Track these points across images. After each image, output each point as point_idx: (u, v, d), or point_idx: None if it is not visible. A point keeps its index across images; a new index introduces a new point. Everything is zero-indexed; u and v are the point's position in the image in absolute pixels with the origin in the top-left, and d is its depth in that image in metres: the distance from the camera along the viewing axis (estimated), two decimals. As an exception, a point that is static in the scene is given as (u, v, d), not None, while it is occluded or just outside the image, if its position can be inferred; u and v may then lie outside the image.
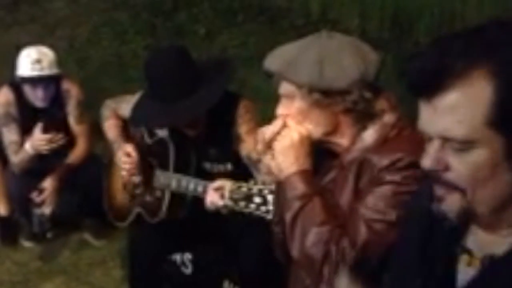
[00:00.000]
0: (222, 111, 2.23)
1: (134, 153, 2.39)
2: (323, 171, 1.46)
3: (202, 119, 2.23)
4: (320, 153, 1.46)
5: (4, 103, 3.01)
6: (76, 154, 3.08)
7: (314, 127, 1.43)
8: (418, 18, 5.44)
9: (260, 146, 1.46)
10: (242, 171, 2.28)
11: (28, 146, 2.95)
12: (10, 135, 3.00)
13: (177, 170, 2.27)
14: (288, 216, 1.38)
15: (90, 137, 3.13)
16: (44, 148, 2.93)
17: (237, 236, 2.30)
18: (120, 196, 2.55)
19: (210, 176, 2.23)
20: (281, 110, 1.46)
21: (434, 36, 1.46)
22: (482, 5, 5.43)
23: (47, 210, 2.96)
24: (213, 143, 2.29)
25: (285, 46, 1.46)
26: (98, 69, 4.63)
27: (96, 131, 3.16)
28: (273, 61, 1.44)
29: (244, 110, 2.25)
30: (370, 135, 1.40)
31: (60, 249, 3.18)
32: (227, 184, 1.97)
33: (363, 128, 1.41)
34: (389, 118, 1.41)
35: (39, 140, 2.92)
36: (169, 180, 2.25)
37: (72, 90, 3.10)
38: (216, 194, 1.99)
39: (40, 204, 2.94)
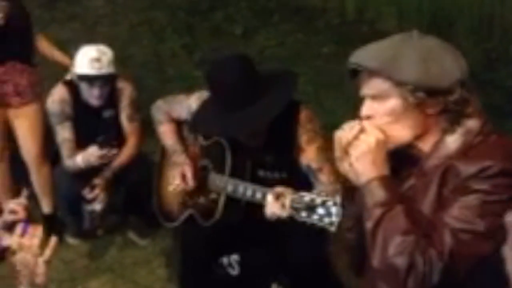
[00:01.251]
0: (282, 119, 2.21)
1: (190, 179, 2.40)
2: (401, 177, 1.43)
3: (264, 129, 2.22)
4: (396, 159, 1.44)
5: (59, 101, 3.02)
6: (127, 152, 3.09)
7: (405, 130, 1.38)
8: (457, 19, 5.39)
9: (337, 153, 1.44)
10: (297, 180, 2.27)
11: (79, 159, 2.96)
12: (64, 132, 3.02)
13: (233, 174, 2.27)
14: (369, 224, 1.35)
15: (141, 136, 3.15)
16: (96, 163, 2.95)
17: (288, 240, 2.30)
18: (171, 197, 2.56)
19: (264, 184, 2.22)
20: (365, 111, 1.42)
21: (473, 37, 1.45)
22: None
23: (98, 206, 2.97)
24: (270, 150, 2.28)
25: (373, 44, 1.43)
26: (138, 67, 4.66)
27: (144, 129, 3.20)
28: (369, 57, 1.39)
29: (305, 119, 2.23)
30: (453, 141, 1.37)
31: (106, 247, 3.21)
32: (287, 192, 1.97)
33: (451, 132, 1.37)
34: (474, 123, 1.37)
35: (92, 156, 2.93)
36: (226, 184, 2.26)
37: (126, 89, 3.11)
38: (277, 204, 1.97)
39: (92, 201, 2.95)
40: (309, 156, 2.23)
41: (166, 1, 5.45)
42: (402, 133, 1.39)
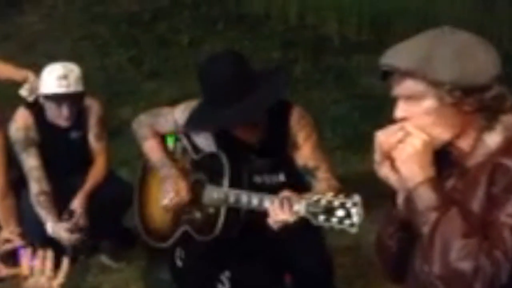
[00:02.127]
0: (274, 120, 2.18)
1: (185, 191, 2.31)
2: (441, 178, 1.39)
3: (263, 121, 2.17)
4: (435, 160, 1.42)
5: (23, 127, 2.83)
6: (98, 172, 2.95)
7: (443, 129, 1.35)
8: (395, 20, 5.54)
9: (377, 157, 1.41)
10: (295, 181, 2.23)
11: (49, 227, 2.78)
12: (30, 160, 2.83)
13: (231, 185, 2.20)
14: (425, 229, 1.31)
15: (108, 155, 3.01)
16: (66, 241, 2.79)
17: (291, 248, 2.25)
18: (160, 215, 2.44)
19: (261, 190, 2.16)
20: (400, 113, 1.38)
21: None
22: (452, 6, 5.59)
23: (80, 232, 2.81)
24: (264, 154, 2.23)
25: (405, 43, 1.39)
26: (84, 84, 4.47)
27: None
28: (401, 58, 1.35)
29: (299, 116, 2.20)
30: (493, 138, 1.35)
31: (81, 274, 3.03)
32: (294, 196, 1.93)
33: (489, 129, 1.35)
34: (510, 118, 1.36)
35: (60, 235, 2.78)
36: (226, 196, 2.18)
37: (93, 107, 2.96)
38: (286, 210, 1.92)
39: (73, 228, 2.79)
40: (305, 155, 2.19)
41: (107, 14, 5.28)
42: (441, 133, 1.36)
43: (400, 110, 1.39)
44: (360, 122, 4.39)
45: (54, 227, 2.77)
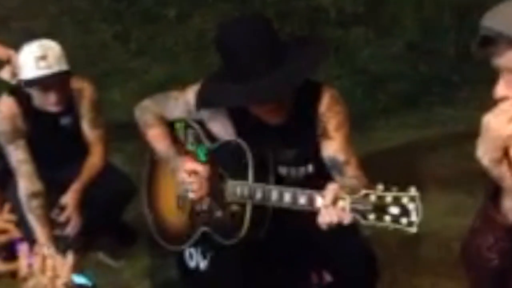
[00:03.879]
0: (302, 102, 1.90)
1: (200, 168, 2.00)
2: None
3: (290, 101, 1.89)
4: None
5: (9, 117, 2.50)
6: (94, 163, 2.64)
7: None
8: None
9: (495, 153, 1.10)
10: (326, 173, 1.96)
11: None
12: (18, 153, 2.51)
13: (257, 178, 1.91)
14: None
15: (106, 144, 2.70)
16: None
17: (332, 247, 1.98)
18: (173, 215, 2.15)
19: (286, 183, 1.90)
20: (502, 90, 1.12)
21: (406, 7, 1.21)
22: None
23: (71, 230, 2.53)
24: (291, 142, 1.95)
25: (504, 5, 1.13)
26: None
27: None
28: (510, 23, 1.10)
29: (332, 101, 1.91)
30: None
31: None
32: (341, 193, 1.65)
33: None
34: None
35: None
36: (252, 191, 1.89)
37: (85, 90, 2.62)
38: (335, 209, 1.64)
39: (64, 224, 2.50)
40: (336, 146, 1.92)
41: (87, -13, 4.91)
42: None
43: (503, 87, 1.12)
44: (362, 99, 4.15)
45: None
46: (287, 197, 1.79)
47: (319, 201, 1.70)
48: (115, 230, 2.84)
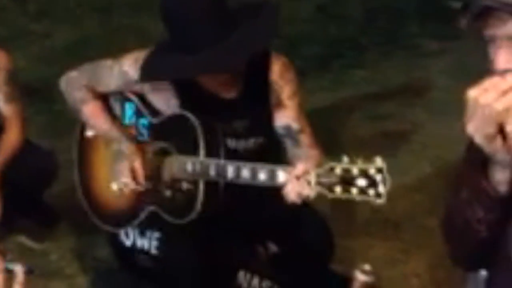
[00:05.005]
0: (253, 72, 1.84)
1: (142, 177, 1.91)
2: None
3: (242, 72, 1.82)
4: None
5: None
6: (12, 141, 2.41)
7: None
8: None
9: (487, 130, 1.06)
10: (276, 145, 1.92)
11: None
12: None
13: (208, 153, 1.82)
14: None
15: (23, 119, 2.47)
16: None
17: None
18: (113, 195, 2.02)
19: (236, 156, 1.84)
20: (505, 63, 1.09)
21: None
22: None
23: None
24: (241, 114, 1.89)
25: None
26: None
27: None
28: None
29: (284, 69, 1.87)
30: None
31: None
32: (307, 167, 1.62)
33: None
34: None
35: None
36: (205, 167, 1.80)
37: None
38: (302, 183, 1.60)
39: None
40: (290, 114, 1.89)
41: None
42: None
43: (504, 59, 1.10)
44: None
45: None
46: (245, 172, 1.73)
47: (280, 176, 1.66)
48: (36, 211, 2.65)
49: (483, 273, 1.33)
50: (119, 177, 1.94)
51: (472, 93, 1.08)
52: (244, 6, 1.84)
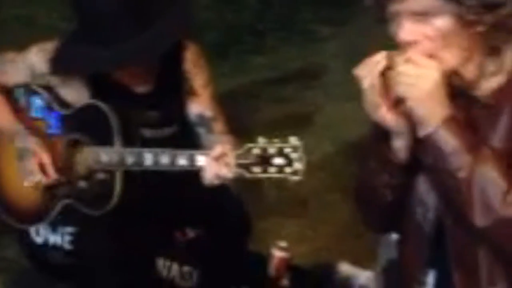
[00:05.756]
0: (166, 62, 1.85)
1: (51, 168, 1.86)
2: None
3: (156, 68, 1.81)
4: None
5: None
6: None
7: (452, 55, 1.20)
8: None
9: (372, 98, 1.21)
10: (190, 132, 1.95)
11: None
12: None
13: (124, 142, 1.81)
14: (461, 174, 1.16)
15: None
16: None
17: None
18: (22, 191, 1.96)
19: (150, 145, 1.84)
20: (407, 35, 1.19)
21: None
22: None
23: None
24: (155, 104, 1.89)
25: None
26: None
27: None
28: None
29: (196, 58, 1.89)
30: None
31: None
32: (225, 149, 1.66)
33: (498, 52, 1.22)
34: None
35: None
36: (121, 157, 1.79)
37: None
38: (221, 165, 1.64)
39: None
40: (203, 103, 1.92)
41: None
42: (450, 58, 1.20)
43: (407, 31, 1.20)
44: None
45: None
46: (164, 159, 1.74)
47: (200, 160, 1.69)
48: None
49: (395, 236, 1.45)
50: (29, 174, 1.89)
51: (357, 71, 1.22)
52: None
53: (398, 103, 1.24)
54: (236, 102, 3.75)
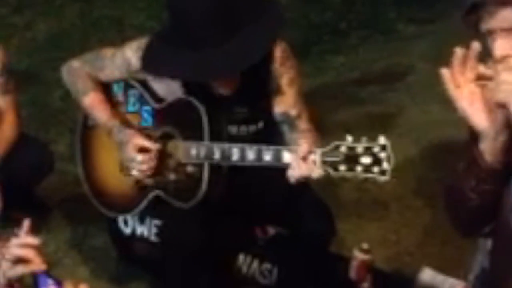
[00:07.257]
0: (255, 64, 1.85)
1: (151, 145, 1.90)
2: None
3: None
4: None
5: None
6: (7, 133, 2.38)
7: None
8: None
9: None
10: (275, 129, 1.96)
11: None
12: None
13: (212, 137, 1.85)
14: None
15: (19, 111, 2.45)
16: None
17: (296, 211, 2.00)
18: (116, 179, 2.04)
19: (235, 141, 1.87)
20: (502, 51, 1.20)
21: None
22: None
23: None
24: (242, 102, 1.91)
25: None
26: None
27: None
28: None
29: (285, 56, 1.89)
30: None
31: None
32: (312, 147, 1.66)
33: None
34: None
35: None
36: (209, 151, 1.83)
37: None
38: (307, 162, 1.65)
39: None
40: (288, 101, 1.92)
41: None
42: None
43: (501, 48, 1.21)
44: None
45: None
46: (251, 155, 1.76)
47: (286, 157, 1.70)
48: (30, 206, 2.61)
49: (489, 242, 1.41)
50: (129, 164, 1.95)
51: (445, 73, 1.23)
52: (249, 1, 1.84)
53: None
54: (316, 102, 3.75)
